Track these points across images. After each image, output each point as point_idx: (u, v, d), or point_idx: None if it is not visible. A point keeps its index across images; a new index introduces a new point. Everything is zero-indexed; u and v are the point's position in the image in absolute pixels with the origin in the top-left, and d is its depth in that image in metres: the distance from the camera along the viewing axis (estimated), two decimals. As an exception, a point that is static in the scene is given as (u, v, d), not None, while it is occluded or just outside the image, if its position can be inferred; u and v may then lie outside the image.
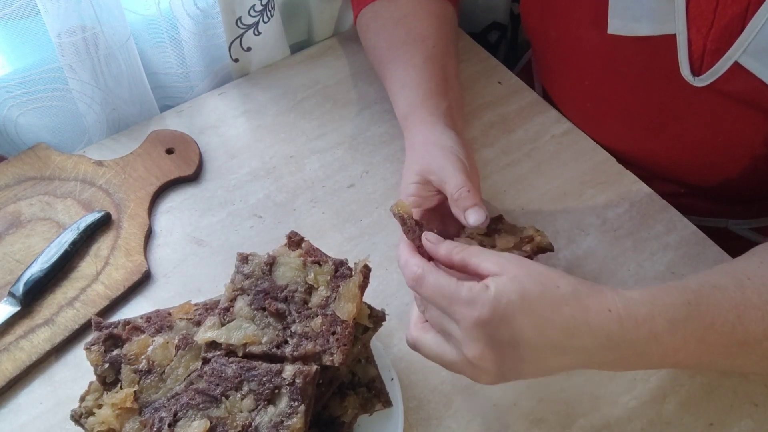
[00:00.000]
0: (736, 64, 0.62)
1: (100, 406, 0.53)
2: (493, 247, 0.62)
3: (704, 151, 0.73)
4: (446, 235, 0.65)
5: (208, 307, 0.58)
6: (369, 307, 0.57)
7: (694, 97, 0.67)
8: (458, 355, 0.49)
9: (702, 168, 0.76)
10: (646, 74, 0.70)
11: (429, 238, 0.55)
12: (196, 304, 0.58)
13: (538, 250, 0.63)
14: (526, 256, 0.61)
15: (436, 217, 0.64)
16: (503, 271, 0.47)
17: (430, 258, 0.54)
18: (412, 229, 0.56)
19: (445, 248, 0.53)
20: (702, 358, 0.51)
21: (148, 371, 0.54)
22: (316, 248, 0.58)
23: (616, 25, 0.67)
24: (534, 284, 0.47)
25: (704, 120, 0.69)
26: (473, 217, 0.59)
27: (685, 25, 0.63)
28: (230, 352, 0.52)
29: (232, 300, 0.54)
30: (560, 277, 0.48)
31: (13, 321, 0.64)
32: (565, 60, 0.80)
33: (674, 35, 0.64)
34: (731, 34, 0.61)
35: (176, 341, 0.55)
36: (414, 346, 0.53)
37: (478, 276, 0.49)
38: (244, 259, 0.56)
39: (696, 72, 0.65)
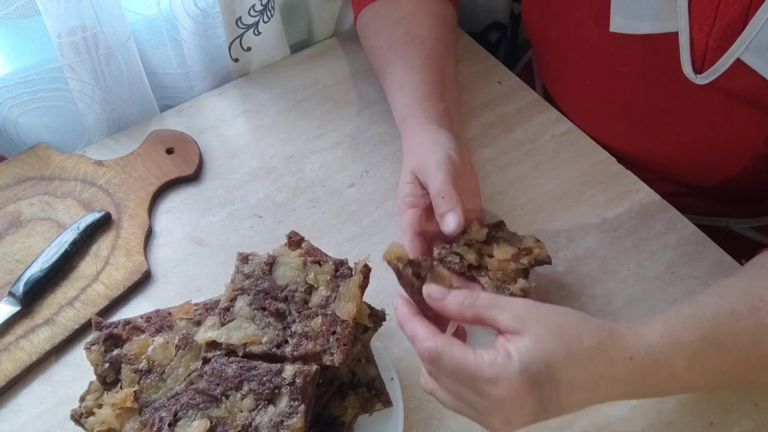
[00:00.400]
0: (738, 61, 0.61)
1: (100, 406, 0.53)
2: (490, 256, 0.62)
3: (705, 150, 0.73)
4: (444, 239, 0.65)
5: (208, 307, 0.58)
6: (369, 306, 0.57)
7: (695, 95, 0.67)
8: (481, 418, 0.47)
9: (703, 168, 0.76)
10: (647, 73, 0.70)
11: (432, 294, 0.49)
12: (196, 304, 0.59)
13: (535, 262, 0.62)
14: (522, 269, 0.61)
15: (435, 219, 0.64)
16: (523, 329, 0.45)
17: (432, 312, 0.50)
18: (410, 281, 0.50)
19: (454, 305, 0.48)
20: (717, 383, 0.53)
21: (148, 371, 0.54)
22: (316, 248, 0.58)
23: (618, 24, 0.67)
24: (558, 345, 0.45)
25: (705, 119, 0.69)
26: (446, 225, 0.59)
27: (687, 22, 0.63)
28: (230, 351, 0.52)
29: (232, 300, 0.54)
30: (582, 328, 0.46)
31: (13, 321, 0.64)
32: (566, 59, 0.80)
33: (676, 33, 0.64)
34: (733, 31, 0.61)
35: (176, 341, 0.55)
36: (430, 394, 0.51)
37: (494, 328, 0.47)
38: (244, 258, 0.56)
39: (698, 70, 0.65)
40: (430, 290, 0.49)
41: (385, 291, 0.68)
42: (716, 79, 0.64)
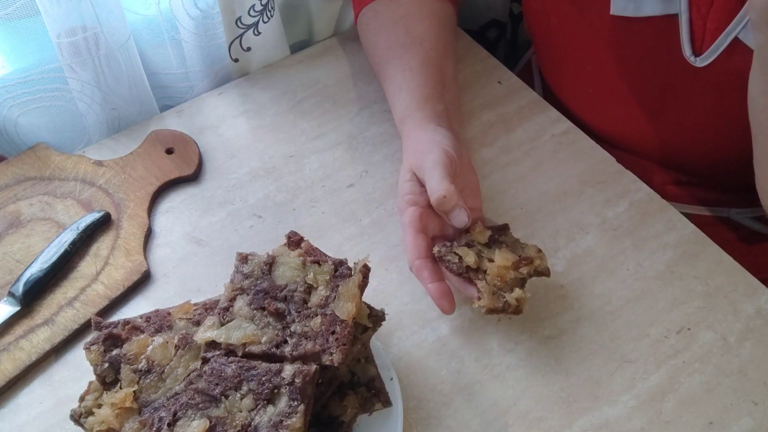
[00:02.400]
0: (736, 40, 0.61)
1: (99, 406, 0.53)
2: (490, 260, 0.62)
3: (706, 133, 0.73)
4: (446, 237, 0.65)
5: (208, 307, 0.58)
6: (368, 306, 0.57)
7: (696, 78, 0.67)
8: None
9: (703, 151, 0.76)
10: (647, 56, 0.70)
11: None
12: (195, 304, 0.59)
13: (535, 273, 0.62)
14: (521, 278, 0.61)
15: (436, 216, 0.65)
16: None
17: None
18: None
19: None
20: None
21: (148, 371, 0.54)
22: (316, 248, 0.58)
23: (619, 6, 0.67)
24: None
25: (706, 102, 0.69)
26: (456, 221, 0.61)
27: (686, 4, 0.63)
28: (230, 351, 0.52)
29: (232, 300, 0.54)
30: None
31: (12, 321, 0.64)
32: (566, 45, 0.80)
33: (676, 15, 0.64)
34: (730, 13, 0.61)
35: (176, 341, 0.55)
36: None
37: None
38: (243, 258, 0.56)
39: (697, 52, 0.65)
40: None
41: (384, 291, 0.68)
42: (714, 60, 0.64)
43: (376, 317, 0.57)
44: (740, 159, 0.73)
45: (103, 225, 0.71)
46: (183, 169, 0.77)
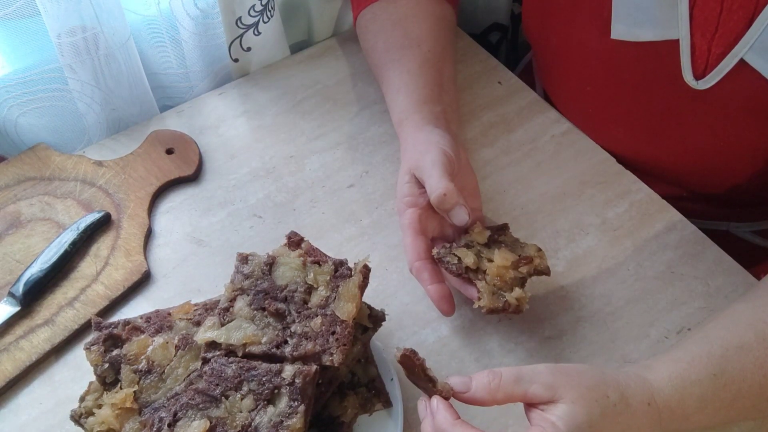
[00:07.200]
0: (741, 62, 0.61)
1: (99, 406, 0.53)
2: (489, 260, 0.62)
3: (707, 155, 0.73)
4: (445, 238, 0.65)
5: (208, 307, 0.58)
6: (369, 307, 0.57)
7: (696, 102, 0.67)
8: None
9: (704, 172, 0.76)
10: (648, 79, 0.70)
11: (458, 387, 0.48)
12: (195, 304, 0.59)
13: (534, 272, 0.62)
14: (521, 278, 0.61)
15: (435, 218, 0.65)
16: (556, 396, 0.47)
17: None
18: (422, 377, 0.49)
19: (482, 391, 0.48)
20: (732, 419, 0.54)
21: (148, 371, 0.54)
22: (316, 248, 0.58)
23: (620, 31, 0.67)
24: (593, 405, 0.47)
25: (706, 125, 0.69)
26: (457, 219, 0.61)
27: (688, 30, 0.63)
28: (230, 352, 0.52)
29: (232, 300, 0.54)
30: (605, 384, 0.49)
31: (13, 321, 0.64)
32: (566, 65, 0.80)
33: (677, 40, 0.64)
34: (737, 38, 0.61)
35: (176, 341, 0.55)
36: None
37: (525, 401, 0.48)
38: (243, 259, 0.56)
39: (699, 77, 0.65)
40: (455, 383, 0.49)
41: (384, 291, 0.68)
42: (717, 83, 0.64)
43: (376, 318, 0.57)
44: (742, 177, 0.73)
45: (103, 225, 0.71)
46: (183, 170, 0.77)
